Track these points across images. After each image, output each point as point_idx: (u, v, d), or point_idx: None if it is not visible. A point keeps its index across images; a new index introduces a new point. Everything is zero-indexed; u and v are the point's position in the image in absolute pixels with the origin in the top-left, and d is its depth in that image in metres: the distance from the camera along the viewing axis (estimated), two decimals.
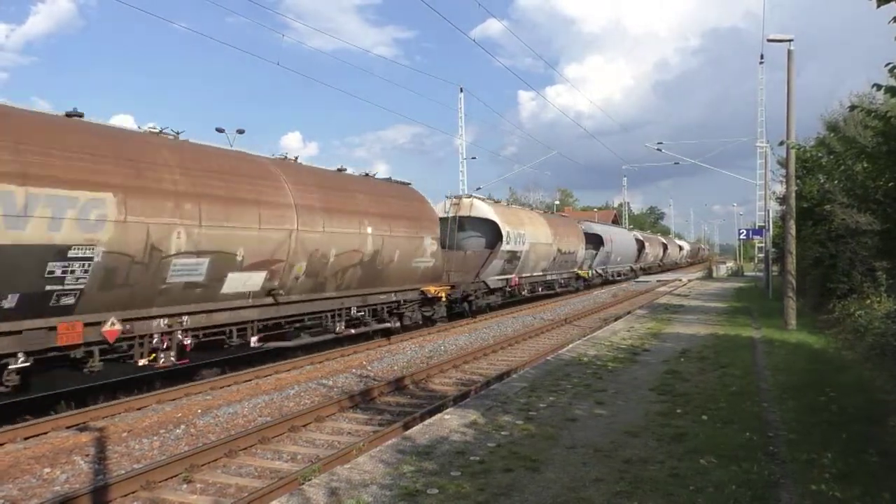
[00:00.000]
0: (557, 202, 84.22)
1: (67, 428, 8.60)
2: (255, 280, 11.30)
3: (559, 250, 28.04)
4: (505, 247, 21.95)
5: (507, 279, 23.35)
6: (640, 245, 50.53)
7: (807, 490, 5.23)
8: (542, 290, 27.96)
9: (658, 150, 46.85)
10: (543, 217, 28.42)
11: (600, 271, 37.91)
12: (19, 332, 7.98)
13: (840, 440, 6.45)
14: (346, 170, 15.79)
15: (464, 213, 22.31)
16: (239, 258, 10.80)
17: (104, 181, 8.77)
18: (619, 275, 43.64)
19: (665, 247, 66.18)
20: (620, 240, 42.83)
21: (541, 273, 26.98)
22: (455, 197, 22.72)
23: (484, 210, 22.45)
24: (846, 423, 7.10)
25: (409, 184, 18.37)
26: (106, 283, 8.81)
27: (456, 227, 21.90)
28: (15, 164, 7.76)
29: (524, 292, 25.77)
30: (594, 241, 36.21)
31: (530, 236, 24.32)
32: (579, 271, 32.98)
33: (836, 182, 11.58)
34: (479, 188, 44.76)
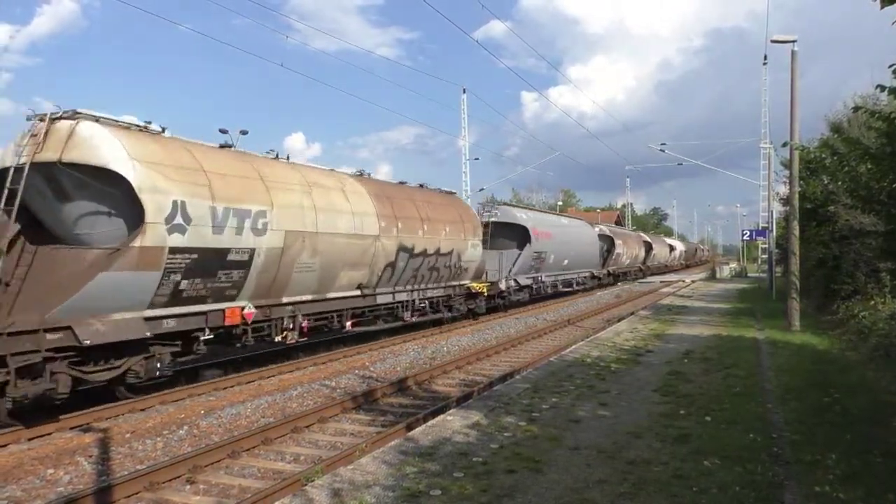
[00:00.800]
0: (560, 202, 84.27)
1: (71, 429, 8.63)
2: None
3: (405, 248, 15.72)
4: (168, 240, 9.17)
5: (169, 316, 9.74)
6: (609, 244, 38.09)
7: (811, 491, 5.22)
8: (351, 324, 14.60)
9: (661, 150, 47.05)
10: (359, 182, 14.87)
11: (526, 282, 24.50)
12: None
13: (844, 441, 6.44)
14: None
15: (49, 155, 8.72)
16: None
17: None
18: (567, 285, 30.38)
19: (649, 246, 52.49)
20: (565, 237, 28.57)
21: (355, 293, 14.40)
22: (39, 116, 9.01)
23: (101, 152, 8.74)
24: (850, 424, 7.09)
25: None
26: None
27: (47, 193, 9.11)
28: None
29: (283, 336, 12.14)
30: (517, 235, 23.99)
31: (291, 218, 11.68)
32: (473, 284, 20.09)
33: (839, 183, 11.63)
34: (482, 189, 44.37)
